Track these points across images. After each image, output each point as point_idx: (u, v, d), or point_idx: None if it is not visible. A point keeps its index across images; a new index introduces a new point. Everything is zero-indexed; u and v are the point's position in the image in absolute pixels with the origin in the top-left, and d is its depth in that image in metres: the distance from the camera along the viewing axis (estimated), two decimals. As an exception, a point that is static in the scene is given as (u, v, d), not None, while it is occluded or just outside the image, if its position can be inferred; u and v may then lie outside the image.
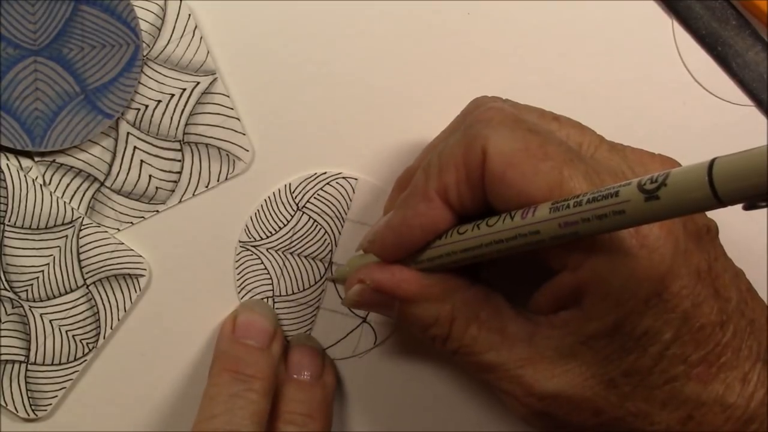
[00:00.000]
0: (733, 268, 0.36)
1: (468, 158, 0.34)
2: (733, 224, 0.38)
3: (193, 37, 0.42)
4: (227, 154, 0.42)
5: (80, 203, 0.42)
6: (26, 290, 0.42)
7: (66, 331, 0.42)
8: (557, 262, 0.34)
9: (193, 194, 0.43)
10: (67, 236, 0.42)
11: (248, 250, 0.43)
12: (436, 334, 0.36)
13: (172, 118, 0.42)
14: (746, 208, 0.28)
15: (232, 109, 0.42)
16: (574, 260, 0.34)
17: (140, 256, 0.42)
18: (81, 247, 0.42)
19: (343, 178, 0.43)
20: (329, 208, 0.43)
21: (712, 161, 0.27)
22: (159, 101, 0.42)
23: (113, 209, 0.42)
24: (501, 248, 0.33)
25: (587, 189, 0.32)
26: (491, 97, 0.38)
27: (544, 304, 0.35)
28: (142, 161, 0.42)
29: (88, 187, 0.42)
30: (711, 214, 0.36)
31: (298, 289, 0.43)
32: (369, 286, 0.36)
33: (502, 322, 0.36)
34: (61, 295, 0.42)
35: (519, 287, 0.36)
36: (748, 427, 0.34)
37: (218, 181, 0.43)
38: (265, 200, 0.43)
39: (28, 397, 0.42)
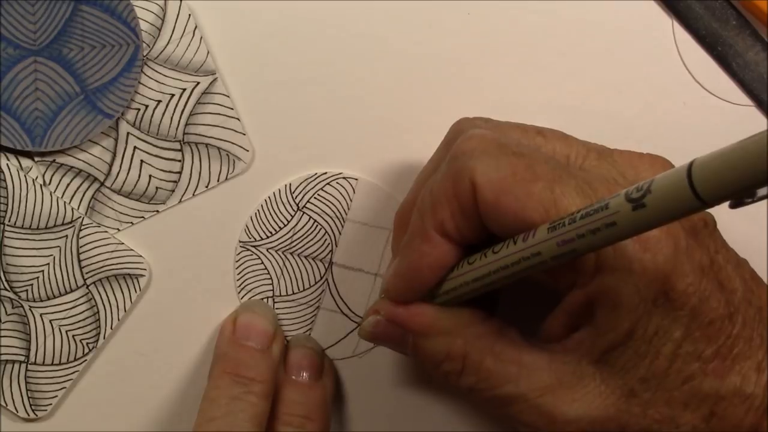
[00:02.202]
0: (736, 258, 0.36)
1: (458, 192, 0.34)
2: (734, 219, 0.38)
3: (193, 37, 0.42)
4: (227, 154, 0.42)
5: (80, 203, 0.42)
6: (26, 290, 0.42)
7: (66, 331, 0.42)
8: (565, 283, 0.35)
9: (193, 194, 0.43)
10: (67, 236, 0.42)
11: (248, 250, 0.43)
12: (449, 369, 0.36)
13: (172, 118, 0.42)
14: (732, 206, 0.27)
15: (232, 109, 0.42)
16: (581, 277, 0.34)
17: (140, 256, 0.42)
18: (81, 247, 0.42)
19: (344, 178, 0.43)
20: (329, 208, 0.43)
21: (691, 163, 0.27)
22: (159, 101, 0.42)
23: (113, 209, 0.42)
24: (508, 273, 0.33)
25: (581, 203, 0.32)
26: (471, 120, 0.38)
27: (557, 328, 0.35)
28: (142, 161, 0.42)
29: (88, 187, 0.42)
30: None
31: (298, 289, 0.43)
32: (383, 318, 0.37)
33: (518, 353, 0.35)
34: (61, 295, 0.42)
35: (531, 322, 0.36)
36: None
37: (218, 181, 0.43)
38: (265, 200, 0.43)
39: (28, 397, 0.42)
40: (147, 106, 0.42)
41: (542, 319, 0.36)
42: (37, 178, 0.42)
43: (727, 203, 0.27)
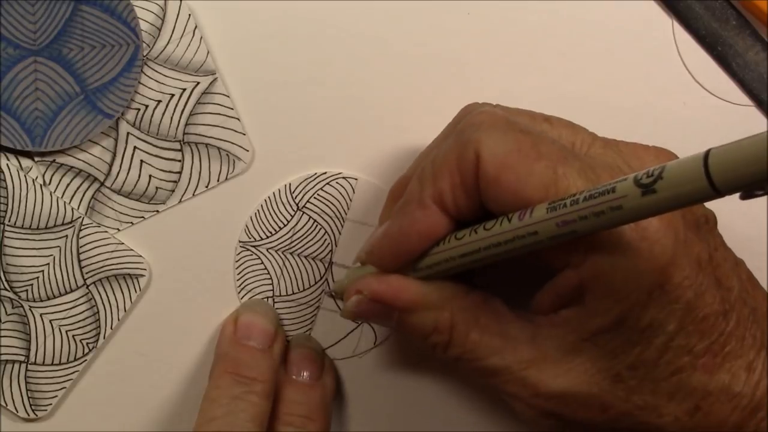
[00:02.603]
0: (733, 257, 0.36)
1: (461, 163, 0.34)
2: (733, 215, 0.38)
3: (193, 37, 0.42)
4: (227, 154, 0.42)
5: (80, 203, 0.42)
6: (26, 290, 0.42)
7: (66, 331, 0.42)
8: (559, 261, 0.34)
9: (193, 194, 0.43)
10: (67, 236, 0.42)
11: (248, 250, 0.43)
12: (437, 341, 0.36)
13: (172, 118, 0.42)
14: (743, 197, 0.28)
15: (232, 109, 0.42)
16: (575, 258, 0.34)
17: (140, 256, 0.42)
18: (81, 247, 0.42)
19: (343, 178, 0.43)
20: (329, 208, 0.43)
21: (708, 152, 0.27)
22: (159, 101, 0.42)
23: (113, 209, 0.42)
24: (499, 251, 0.33)
25: (582, 185, 0.32)
26: (481, 104, 0.38)
27: (546, 304, 0.35)
28: (142, 161, 0.42)
29: (88, 187, 0.42)
30: (709, 205, 0.36)
31: (298, 289, 0.43)
32: (366, 297, 0.36)
33: (503, 326, 0.36)
34: (61, 295, 0.42)
35: (518, 291, 0.36)
36: (754, 416, 0.34)
37: (218, 181, 0.43)
38: (265, 200, 0.43)
39: (28, 397, 0.42)
40: (147, 106, 0.42)
41: (531, 287, 0.36)
42: (37, 178, 0.42)
43: (737, 195, 0.28)
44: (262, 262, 0.43)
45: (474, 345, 0.36)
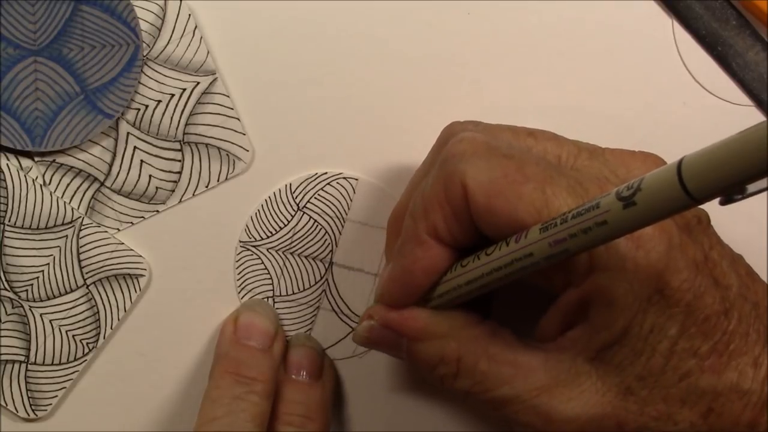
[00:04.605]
0: (731, 254, 0.36)
1: (449, 195, 0.34)
2: (734, 215, 0.38)
3: (193, 37, 0.42)
4: (227, 154, 0.42)
5: (80, 203, 0.42)
6: (26, 290, 0.42)
7: (66, 331, 0.42)
8: (560, 283, 0.35)
9: (193, 194, 0.43)
10: (67, 236, 0.42)
11: (248, 250, 0.43)
12: (444, 373, 0.36)
13: (172, 118, 0.42)
14: (723, 203, 0.27)
15: (232, 109, 0.42)
16: (576, 277, 0.34)
17: (140, 256, 0.42)
18: (81, 247, 0.42)
19: (344, 178, 0.43)
20: (330, 208, 0.43)
21: (681, 160, 0.27)
22: (159, 101, 0.42)
23: (113, 209, 0.42)
24: (501, 275, 0.33)
25: (573, 202, 0.32)
26: (462, 124, 0.38)
27: (551, 329, 0.35)
28: (142, 161, 0.42)
29: (88, 187, 0.42)
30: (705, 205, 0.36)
31: (299, 289, 0.43)
32: (377, 323, 0.37)
33: (512, 354, 0.35)
34: (61, 295, 0.42)
35: (522, 321, 0.36)
36: (765, 412, 0.34)
37: (218, 181, 0.43)
38: (266, 200, 0.43)
39: (28, 397, 0.42)
40: (147, 106, 0.42)
41: (537, 319, 0.36)
42: (37, 178, 0.42)
43: (717, 201, 0.27)
44: (263, 262, 0.43)
45: (483, 376, 0.35)
